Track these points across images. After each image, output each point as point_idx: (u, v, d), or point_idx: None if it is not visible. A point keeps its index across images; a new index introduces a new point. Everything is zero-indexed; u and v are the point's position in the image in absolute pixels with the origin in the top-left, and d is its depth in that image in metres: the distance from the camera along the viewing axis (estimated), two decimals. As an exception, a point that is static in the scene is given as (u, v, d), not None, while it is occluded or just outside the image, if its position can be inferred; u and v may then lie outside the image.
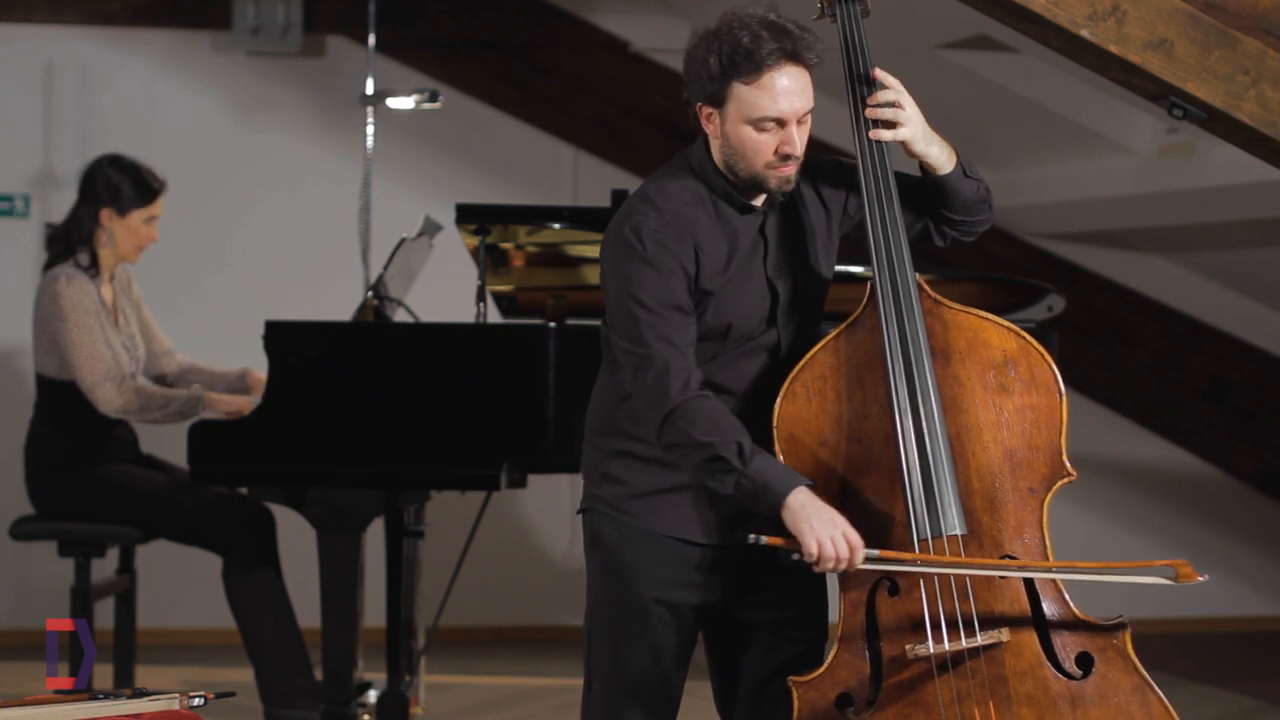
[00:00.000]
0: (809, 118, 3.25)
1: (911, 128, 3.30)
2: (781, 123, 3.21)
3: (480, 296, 5.01)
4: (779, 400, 3.25)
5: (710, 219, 3.28)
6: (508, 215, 5.19)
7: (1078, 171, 6.96)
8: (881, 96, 3.30)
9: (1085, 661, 3.21)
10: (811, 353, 3.27)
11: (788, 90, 3.20)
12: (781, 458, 3.24)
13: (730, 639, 3.42)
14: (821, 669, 3.22)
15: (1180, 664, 6.84)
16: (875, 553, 3.13)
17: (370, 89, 5.97)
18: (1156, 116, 6.27)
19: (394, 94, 5.94)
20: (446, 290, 6.10)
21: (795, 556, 3.12)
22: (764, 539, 3.11)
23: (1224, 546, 7.70)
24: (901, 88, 3.31)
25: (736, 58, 3.19)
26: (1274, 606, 7.74)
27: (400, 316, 5.33)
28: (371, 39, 6.09)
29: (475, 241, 5.00)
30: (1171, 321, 7.49)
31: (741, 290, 3.28)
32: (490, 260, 5.16)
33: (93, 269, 5.35)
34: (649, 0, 7.20)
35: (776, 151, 3.22)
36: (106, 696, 3.40)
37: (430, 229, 5.51)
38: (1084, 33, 3.57)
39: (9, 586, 6.88)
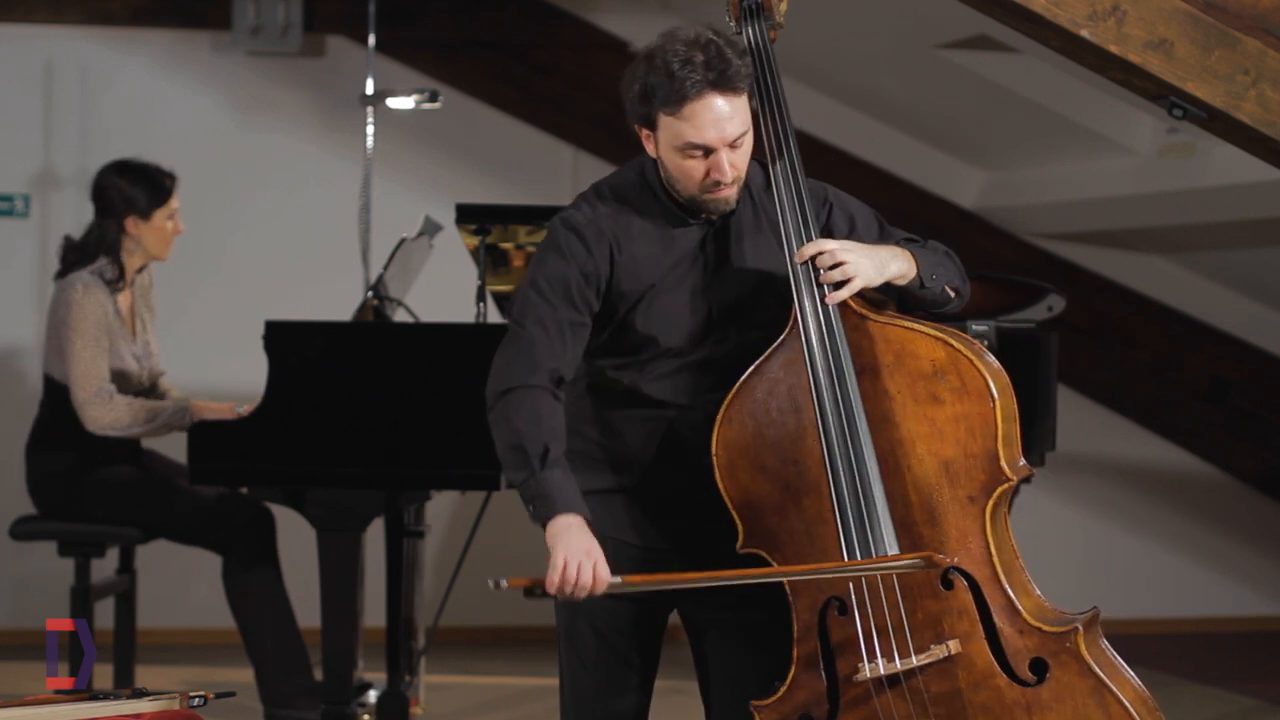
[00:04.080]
0: (744, 140, 3.21)
1: (863, 274, 3.22)
2: (708, 151, 3.19)
3: (480, 296, 5.01)
4: (716, 428, 3.25)
5: (646, 224, 3.29)
6: (508, 215, 5.19)
7: (1078, 171, 6.96)
8: (823, 261, 3.21)
9: (1039, 667, 3.16)
10: (743, 379, 3.25)
11: (713, 120, 3.17)
12: (722, 485, 3.24)
13: (698, 636, 3.44)
14: (780, 692, 3.24)
15: (1180, 664, 6.85)
16: (618, 580, 3.10)
17: (370, 89, 5.97)
18: (1156, 116, 6.28)
19: (394, 94, 5.94)
20: (446, 290, 6.10)
21: (538, 592, 3.10)
22: (504, 581, 3.06)
23: (1224, 546, 7.71)
24: (828, 243, 3.23)
25: (661, 88, 3.17)
26: (1274, 606, 7.74)
27: (400, 316, 5.33)
28: (371, 39, 6.09)
29: (475, 241, 5.00)
30: (1171, 321, 7.49)
31: (671, 301, 3.28)
32: (490, 260, 5.15)
33: (119, 281, 5.34)
34: (649, 0, 7.21)
35: (707, 177, 3.21)
36: (106, 696, 3.41)
37: (430, 229, 5.51)
38: (1084, 33, 3.57)
39: (9, 586, 6.88)
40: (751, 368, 3.26)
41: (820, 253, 3.22)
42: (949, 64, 6.58)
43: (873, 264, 3.24)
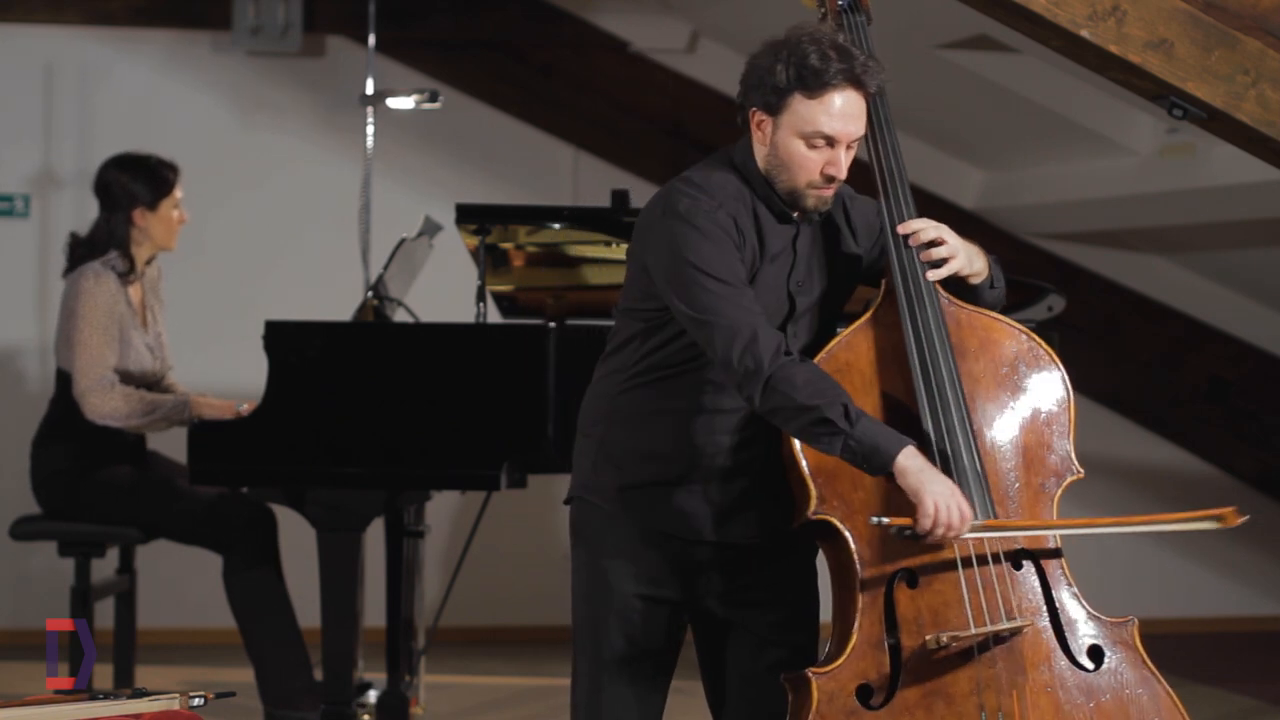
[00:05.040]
0: (856, 145, 3.29)
1: (959, 258, 3.34)
2: (832, 142, 3.24)
3: (480, 296, 5.01)
4: None
5: (748, 216, 3.31)
6: (508, 215, 5.19)
7: (1078, 171, 6.96)
8: (922, 238, 3.32)
9: (1097, 654, 3.28)
10: (829, 347, 3.30)
11: (844, 112, 3.24)
12: (800, 450, 3.25)
13: (715, 636, 3.43)
14: (840, 660, 3.23)
15: (1180, 664, 6.83)
16: (979, 520, 3.18)
17: (370, 89, 5.97)
18: (1156, 116, 6.27)
19: (394, 94, 5.94)
20: (446, 290, 6.10)
21: (908, 532, 3.15)
22: (886, 519, 3.15)
23: (1224, 546, 7.70)
24: (931, 222, 3.34)
25: (804, 71, 3.22)
26: (1274, 606, 7.74)
27: (400, 316, 5.33)
28: (371, 39, 6.09)
29: (475, 241, 5.00)
30: (1171, 321, 7.49)
31: (761, 295, 3.29)
32: (490, 260, 5.15)
33: (130, 274, 5.35)
34: (649, 0, 7.20)
35: (822, 171, 3.25)
36: (106, 696, 3.40)
37: (430, 229, 5.51)
38: (1084, 33, 3.57)
39: (9, 586, 6.88)
40: (837, 340, 3.31)
41: (925, 229, 3.31)
42: (949, 64, 6.58)
43: (966, 254, 3.35)
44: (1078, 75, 5.87)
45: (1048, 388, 3.35)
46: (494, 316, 5.31)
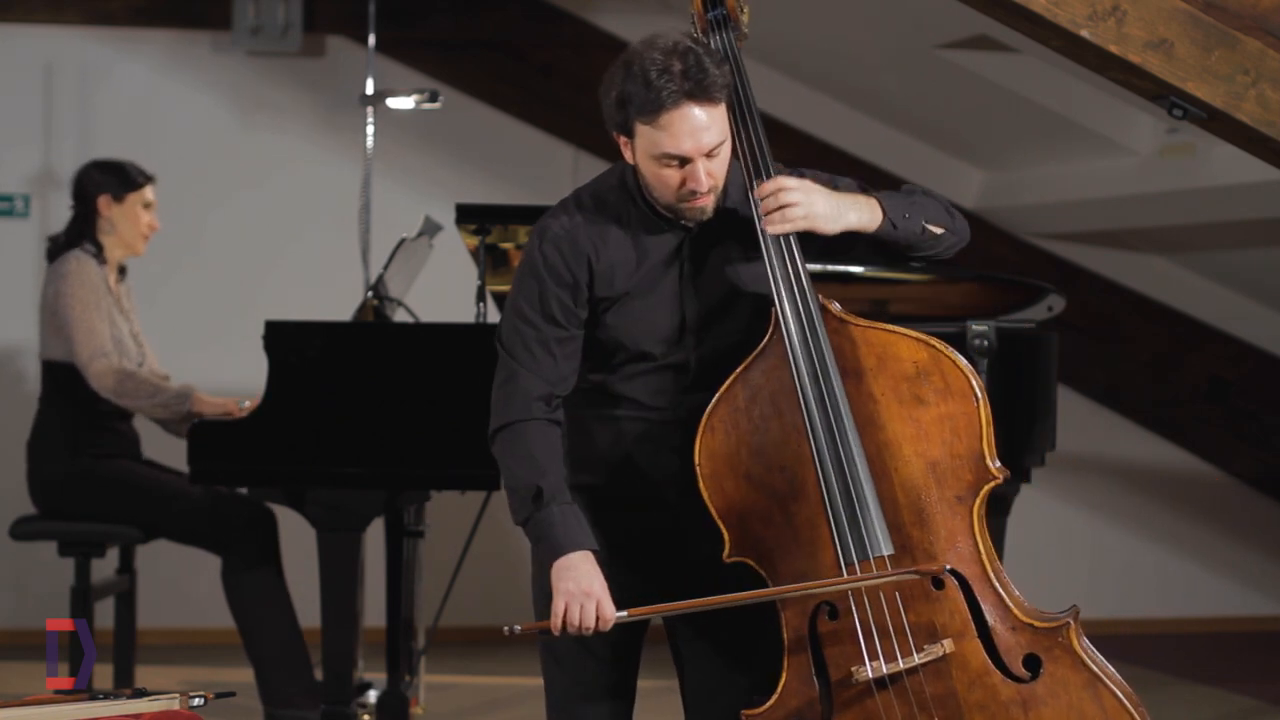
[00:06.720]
0: (722, 149, 3.18)
1: (809, 214, 3.20)
2: (684, 160, 3.16)
3: (480, 296, 5.01)
4: (699, 436, 3.23)
5: (621, 231, 3.26)
6: (508, 215, 5.19)
7: (1078, 171, 6.97)
8: (763, 192, 3.21)
9: (1033, 663, 3.17)
10: (725, 386, 3.23)
11: (689, 129, 3.13)
12: (707, 494, 3.21)
13: (674, 643, 3.43)
14: (772, 700, 3.21)
15: (1180, 664, 6.85)
16: (624, 614, 3.17)
17: (370, 89, 5.97)
18: (1156, 116, 6.28)
19: (394, 94, 5.95)
20: (446, 290, 6.10)
21: (547, 635, 3.22)
22: (519, 627, 3.22)
23: (1224, 546, 7.71)
24: (782, 180, 3.21)
25: (636, 96, 3.14)
26: (1274, 606, 7.74)
27: (400, 316, 5.33)
28: (371, 39, 6.10)
29: (475, 241, 5.00)
30: (1171, 321, 7.49)
31: (644, 305, 3.26)
32: (490, 260, 5.16)
33: (100, 256, 5.39)
34: (649, 0, 7.21)
35: (683, 186, 3.18)
36: (106, 696, 3.40)
37: (430, 229, 5.51)
38: (1084, 33, 3.57)
39: (9, 586, 6.88)
40: (733, 375, 3.23)
41: (778, 190, 3.19)
42: (949, 64, 6.58)
43: (829, 206, 3.20)
44: (1078, 75, 5.87)
45: (954, 396, 3.20)
46: (494, 316, 5.31)
